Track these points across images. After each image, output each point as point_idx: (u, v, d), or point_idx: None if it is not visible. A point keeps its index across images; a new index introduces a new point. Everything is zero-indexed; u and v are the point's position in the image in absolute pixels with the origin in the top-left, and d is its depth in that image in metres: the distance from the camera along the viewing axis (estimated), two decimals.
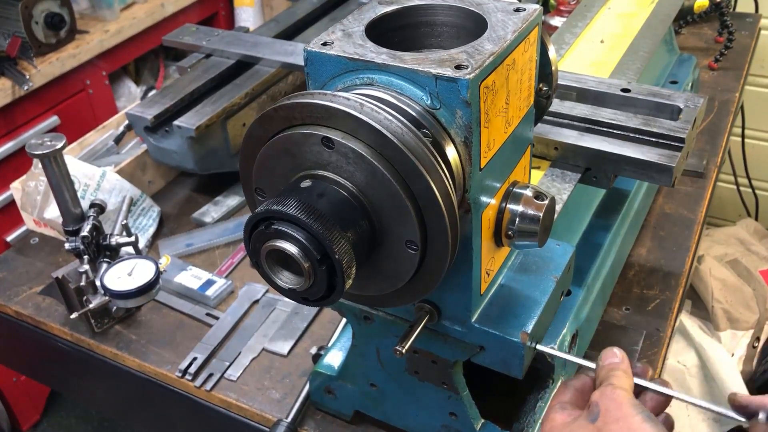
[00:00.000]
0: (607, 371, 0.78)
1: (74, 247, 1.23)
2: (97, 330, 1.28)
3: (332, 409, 1.10)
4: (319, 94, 0.67)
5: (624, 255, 1.34)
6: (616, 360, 0.79)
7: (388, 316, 0.89)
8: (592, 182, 1.13)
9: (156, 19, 2.56)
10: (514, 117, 0.78)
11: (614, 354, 0.79)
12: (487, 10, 0.77)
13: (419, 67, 0.68)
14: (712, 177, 1.57)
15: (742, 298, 2.26)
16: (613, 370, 0.78)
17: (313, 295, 0.68)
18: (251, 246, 0.68)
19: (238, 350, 1.23)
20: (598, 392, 0.75)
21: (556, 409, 0.79)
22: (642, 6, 1.53)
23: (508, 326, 0.82)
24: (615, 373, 0.77)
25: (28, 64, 2.16)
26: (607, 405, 0.73)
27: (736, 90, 1.87)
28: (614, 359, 0.79)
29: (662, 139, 1.08)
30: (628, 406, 0.72)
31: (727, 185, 2.71)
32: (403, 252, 0.70)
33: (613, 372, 0.78)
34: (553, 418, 0.78)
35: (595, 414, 0.73)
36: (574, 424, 0.74)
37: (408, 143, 0.65)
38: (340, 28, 0.76)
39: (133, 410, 1.42)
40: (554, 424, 0.77)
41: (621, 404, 0.73)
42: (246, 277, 1.38)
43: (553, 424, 0.77)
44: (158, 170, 1.63)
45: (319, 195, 0.67)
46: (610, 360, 0.79)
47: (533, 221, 0.78)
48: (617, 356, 0.79)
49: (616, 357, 0.79)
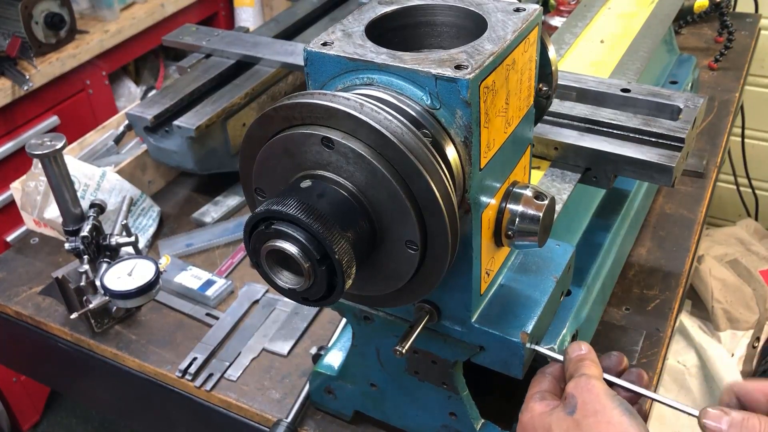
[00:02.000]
0: (575, 363, 0.80)
1: (74, 247, 1.23)
2: (97, 330, 1.28)
3: (332, 409, 1.10)
4: (319, 94, 0.67)
5: (624, 255, 1.34)
6: (582, 352, 0.81)
7: (388, 316, 0.89)
8: (592, 182, 1.13)
9: (156, 19, 2.56)
10: (514, 117, 0.78)
11: (580, 347, 0.81)
12: (487, 10, 0.77)
13: (419, 67, 0.68)
14: (712, 177, 1.57)
15: (742, 298, 2.26)
16: (582, 361, 0.79)
17: (313, 295, 0.68)
18: (251, 246, 0.68)
19: (238, 350, 1.23)
20: (573, 383, 0.76)
21: (535, 398, 0.80)
22: (642, 6, 1.53)
23: (508, 326, 0.82)
24: (584, 363, 0.79)
25: (28, 64, 2.16)
26: (583, 397, 0.74)
27: (736, 90, 1.87)
28: (580, 351, 0.81)
29: (662, 139, 1.08)
30: (606, 398, 0.73)
31: (727, 185, 2.71)
32: (403, 252, 0.70)
33: (582, 362, 0.79)
34: (533, 407, 0.79)
35: (572, 406, 0.74)
36: (553, 416, 0.75)
37: (408, 143, 0.65)
38: (339, 28, 0.76)
39: (133, 410, 1.42)
40: (533, 414, 0.78)
41: (597, 396, 0.74)
42: (246, 277, 1.38)
43: (533, 414, 0.78)
44: (158, 170, 1.63)
45: (319, 195, 0.67)
46: (577, 352, 0.81)
47: (533, 221, 0.78)
48: (583, 349, 0.81)
49: (581, 349, 0.81)
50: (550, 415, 0.76)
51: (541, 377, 0.84)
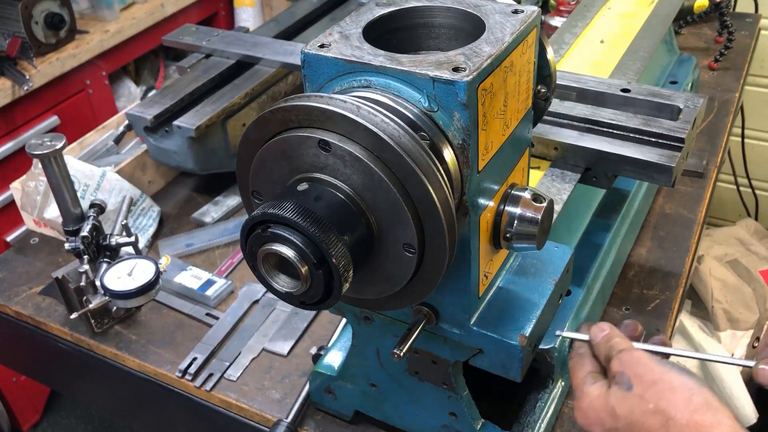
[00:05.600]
0: (605, 344, 0.79)
1: (74, 247, 1.23)
2: (97, 330, 1.29)
3: (332, 409, 1.10)
4: (315, 96, 0.67)
5: (624, 255, 1.34)
6: (606, 332, 0.80)
7: (388, 316, 0.89)
8: (592, 182, 1.13)
9: (156, 19, 2.56)
10: (512, 119, 0.78)
11: (602, 328, 0.81)
12: (485, 12, 0.77)
13: (417, 70, 0.68)
14: (712, 177, 1.57)
15: (742, 298, 2.26)
16: (611, 339, 0.79)
17: (310, 298, 0.68)
18: (248, 249, 0.68)
19: (238, 350, 1.23)
20: (616, 361, 0.75)
21: (587, 382, 0.78)
22: (642, 6, 1.53)
23: (506, 329, 0.82)
24: (615, 341, 0.78)
25: (28, 64, 2.16)
26: (634, 370, 0.73)
27: (735, 90, 1.86)
28: (605, 332, 0.80)
29: (662, 139, 1.08)
30: (656, 365, 0.73)
31: (727, 185, 2.70)
32: (401, 255, 0.69)
33: (613, 340, 0.78)
34: (589, 392, 0.76)
35: (627, 382, 0.73)
36: (611, 397, 0.74)
37: (405, 146, 0.64)
38: (337, 30, 0.76)
39: (133, 410, 1.42)
40: (591, 398, 0.76)
41: (648, 365, 0.73)
42: (246, 277, 1.38)
43: (590, 398, 0.76)
44: (158, 170, 1.63)
45: (316, 198, 0.67)
46: (603, 333, 0.80)
47: (532, 223, 0.77)
48: (606, 329, 0.80)
49: (605, 329, 0.80)
50: (608, 396, 0.74)
51: (579, 360, 0.82)
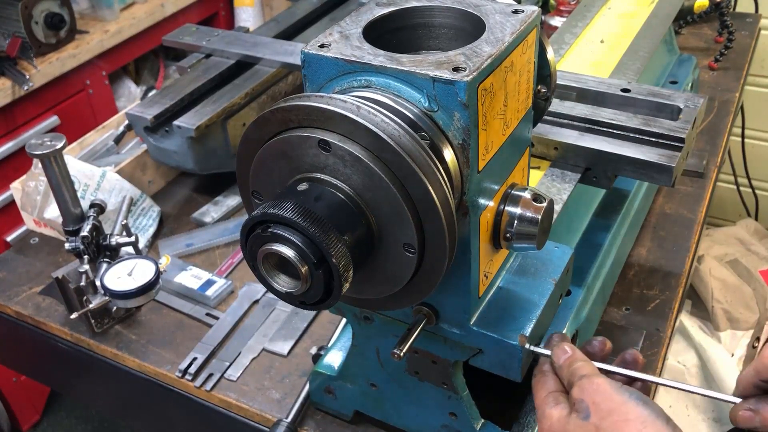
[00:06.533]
0: (567, 368, 0.78)
1: (74, 247, 1.23)
2: (97, 330, 1.29)
3: (332, 409, 1.10)
4: (315, 96, 0.67)
5: (624, 255, 1.34)
6: (568, 354, 0.79)
7: (388, 316, 0.89)
8: (592, 182, 1.13)
9: (156, 19, 2.56)
10: (513, 119, 0.78)
11: (564, 350, 0.79)
12: (485, 12, 0.77)
13: (417, 70, 0.68)
14: (712, 177, 1.57)
15: (742, 298, 2.26)
16: (573, 363, 0.77)
17: (310, 298, 0.68)
18: (248, 249, 0.68)
19: (238, 350, 1.23)
20: (577, 389, 0.74)
21: (549, 403, 0.77)
22: (642, 6, 1.53)
23: (506, 329, 0.82)
24: (577, 365, 0.77)
25: (28, 64, 2.16)
26: (593, 398, 0.72)
27: (736, 90, 1.86)
28: (567, 354, 0.79)
29: (662, 139, 1.08)
30: (615, 394, 0.71)
31: (727, 185, 2.70)
32: (401, 255, 0.69)
33: (574, 364, 0.77)
34: (550, 414, 0.76)
35: (585, 411, 0.72)
36: (570, 424, 0.73)
37: (405, 146, 0.64)
38: (337, 29, 0.76)
39: (133, 410, 1.42)
40: (552, 421, 0.75)
41: (606, 394, 0.72)
42: (246, 277, 1.38)
43: (551, 421, 0.75)
44: (158, 170, 1.63)
45: (316, 198, 0.67)
46: (564, 356, 0.79)
47: (532, 223, 0.77)
48: (568, 350, 0.79)
49: (567, 351, 0.79)
50: (567, 423, 0.73)
51: (542, 378, 0.81)
